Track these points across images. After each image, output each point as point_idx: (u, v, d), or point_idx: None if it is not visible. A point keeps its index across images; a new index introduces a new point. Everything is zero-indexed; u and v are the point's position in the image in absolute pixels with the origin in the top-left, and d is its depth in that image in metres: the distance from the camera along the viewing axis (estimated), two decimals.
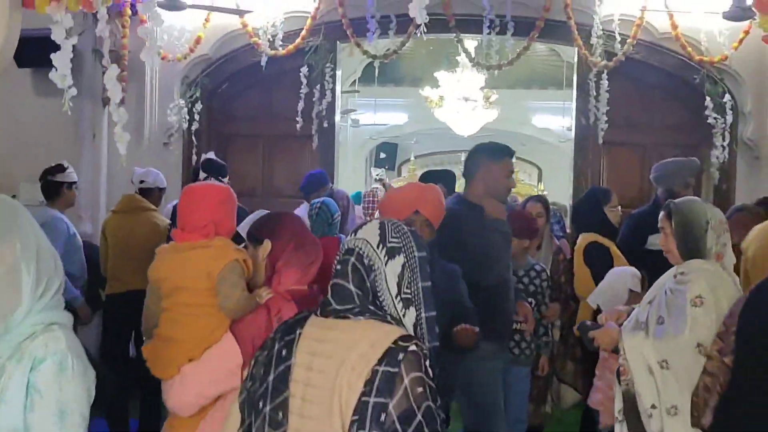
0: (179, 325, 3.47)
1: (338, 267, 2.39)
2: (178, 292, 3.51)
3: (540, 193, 18.05)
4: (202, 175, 6.68)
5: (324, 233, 6.40)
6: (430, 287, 2.40)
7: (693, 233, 3.70)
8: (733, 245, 5.83)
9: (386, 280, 2.33)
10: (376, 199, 14.93)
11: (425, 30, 8.26)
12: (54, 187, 6.52)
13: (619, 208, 6.08)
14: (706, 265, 3.67)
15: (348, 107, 16.69)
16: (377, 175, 15.47)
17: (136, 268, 5.69)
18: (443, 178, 6.70)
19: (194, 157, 8.67)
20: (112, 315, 6.59)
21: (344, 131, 17.95)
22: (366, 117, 18.07)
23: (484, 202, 4.76)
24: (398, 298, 2.33)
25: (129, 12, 8.34)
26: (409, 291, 2.34)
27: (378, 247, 2.36)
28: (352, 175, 17.96)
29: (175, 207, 6.84)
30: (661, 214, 3.87)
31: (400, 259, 2.35)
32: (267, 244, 3.48)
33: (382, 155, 21.69)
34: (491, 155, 4.81)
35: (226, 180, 6.70)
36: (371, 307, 2.30)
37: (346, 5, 8.42)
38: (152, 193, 6.92)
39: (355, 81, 15.71)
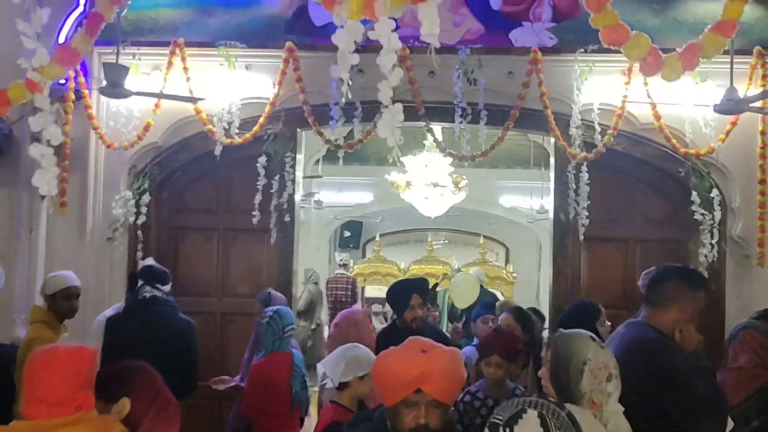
0: None
1: None
2: None
3: (509, 274, 17.62)
4: (140, 283, 5.95)
5: (274, 348, 5.73)
6: None
7: (567, 372, 3.29)
8: (741, 367, 5.27)
9: None
10: (339, 285, 14.42)
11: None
12: None
13: (609, 324, 5.47)
14: (574, 411, 3.07)
15: (311, 189, 16.15)
16: (341, 260, 14.80)
17: None
18: (418, 287, 6.03)
19: (140, 254, 7.96)
20: None
21: (307, 212, 17.49)
22: (330, 196, 17.50)
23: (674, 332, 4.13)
24: None
25: (72, 97, 7.71)
26: None
27: None
28: (315, 256, 17.55)
29: (111, 318, 6.16)
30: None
31: None
32: (124, 404, 2.80)
33: (347, 234, 21.16)
34: (691, 285, 4.23)
35: (167, 288, 5.98)
36: None
37: (307, 91, 7.88)
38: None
39: (318, 160, 15.23)
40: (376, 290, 18.19)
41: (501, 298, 15.44)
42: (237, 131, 7.92)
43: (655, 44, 7.92)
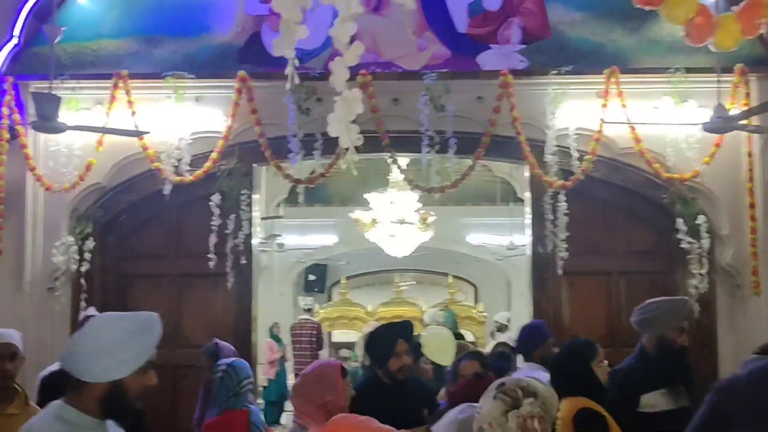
0: None
1: None
2: None
3: (479, 313, 17.10)
4: None
5: (228, 405, 5.08)
6: None
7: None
8: None
9: None
10: (304, 331, 13.70)
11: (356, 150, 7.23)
12: None
13: (606, 362, 4.88)
14: None
15: (273, 231, 15.52)
16: (305, 304, 14.14)
17: None
18: (403, 332, 5.28)
19: (83, 304, 7.30)
20: None
21: (269, 255, 16.93)
22: (293, 239, 16.93)
23: None
24: None
25: (6, 136, 7.09)
26: None
27: None
28: (278, 301, 16.95)
29: (47, 377, 5.47)
30: None
31: None
32: None
33: (312, 277, 20.43)
34: None
35: None
36: None
37: (263, 123, 7.34)
38: None
39: (279, 203, 14.70)
40: (344, 335, 17.64)
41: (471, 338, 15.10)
42: (187, 168, 7.35)
43: (630, 65, 7.58)
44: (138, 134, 6.90)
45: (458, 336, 6.55)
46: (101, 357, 2.55)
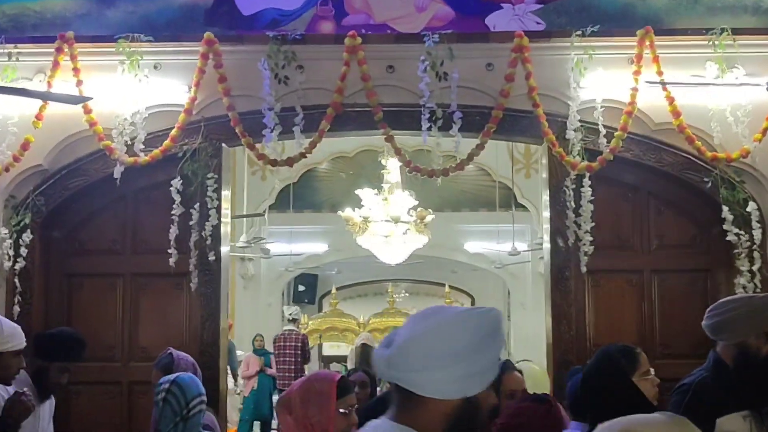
0: None
1: None
2: None
3: None
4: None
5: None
6: None
7: None
8: None
9: None
10: (288, 344, 12.55)
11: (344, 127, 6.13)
12: None
13: (653, 372, 3.70)
14: None
15: (259, 234, 14.64)
16: (291, 314, 12.97)
17: None
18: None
19: (16, 309, 6.13)
20: None
21: (256, 264, 16.27)
22: (280, 247, 15.99)
23: None
24: None
25: None
26: None
27: None
28: (266, 312, 16.45)
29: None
30: None
31: None
32: None
33: (301, 288, 20.01)
34: None
35: None
36: None
37: (233, 95, 6.22)
38: None
39: (265, 210, 14.26)
40: (335, 347, 16.88)
41: None
42: (143, 148, 6.18)
43: (666, 26, 6.48)
44: (80, 101, 5.76)
45: None
46: (453, 367, 1.98)
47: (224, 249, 6.55)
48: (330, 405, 3.22)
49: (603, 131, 6.14)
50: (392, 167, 11.20)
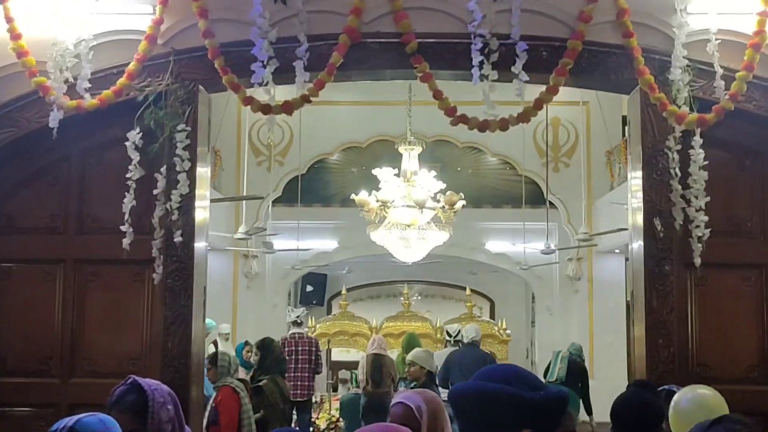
0: None
1: None
2: None
3: (502, 331, 15.53)
4: None
5: None
6: None
7: None
8: None
9: None
10: (300, 348, 10.96)
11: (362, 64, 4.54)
12: None
13: None
14: None
15: (260, 224, 13.49)
16: (297, 316, 11.33)
17: None
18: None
19: None
20: None
21: (261, 262, 15.29)
22: (286, 243, 14.79)
23: None
24: None
25: None
26: None
27: None
28: (270, 315, 15.26)
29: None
30: None
31: None
32: None
33: (309, 288, 19.45)
34: None
35: None
36: None
37: (212, 18, 4.56)
38: None
39: (268, 206, 13.54)
40: (344, 353, 15.92)
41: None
42: (88, 87, 4.52)
43: None
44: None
45: None
46: None
47: (200, 243, 4.90)
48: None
49: (720, 71, 4.47)
50: (411, 156, 9.88)
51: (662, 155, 4.57)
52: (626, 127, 6.27)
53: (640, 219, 4.70)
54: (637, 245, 4.75)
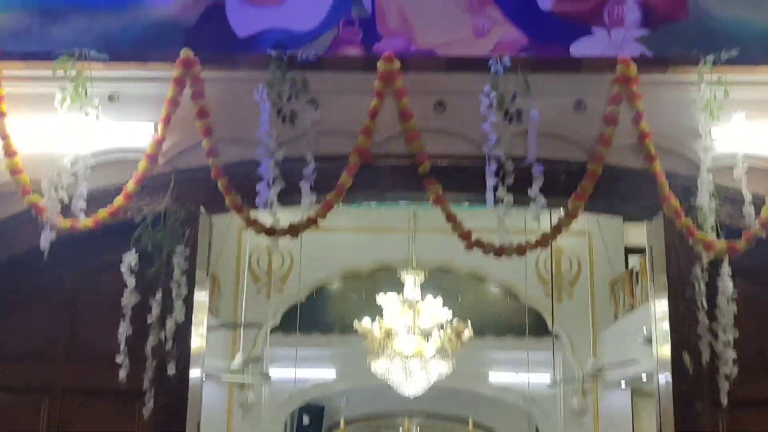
0: None
1: None
2: None
3: None
4: None
5: None
6: None
7: None
8: None
9: None
10: None
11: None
12: None
13: None
14: None
15: (257, 352, 13.33)
16: None
17: None
18: None
19: None
20: None
21: (257, 392, 14.60)
22: (283, 372, 14.42)
23: None
24: None
25: None
26: None
27: None
28: None
29: None
30: None
31: None
32: None
33: (306, 420, 18.58)
34: None
35: None
36: None
37: (218, 138, 4.39)
38: None
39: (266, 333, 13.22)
40: None
41: None
42: (84, 207, 4.30)
43: None
44: None
45: None
46: None
47: (195, 373, 4.58)
48: None
49: (749, 196, 4.26)
50: (413, 284, 9.68)
51: (689, 285, 4.31)
52: (644, 255, 6.01)
53: (665, 351, 4.40)
54: (664, 381, 4.42)
